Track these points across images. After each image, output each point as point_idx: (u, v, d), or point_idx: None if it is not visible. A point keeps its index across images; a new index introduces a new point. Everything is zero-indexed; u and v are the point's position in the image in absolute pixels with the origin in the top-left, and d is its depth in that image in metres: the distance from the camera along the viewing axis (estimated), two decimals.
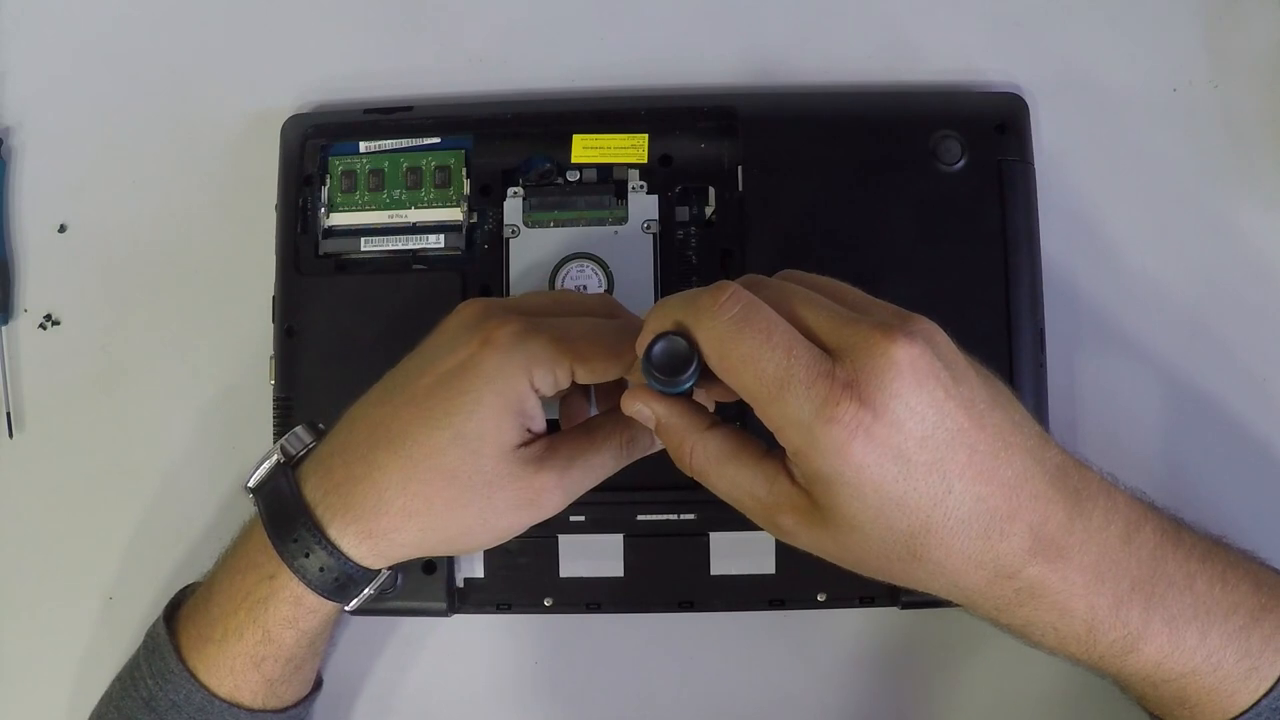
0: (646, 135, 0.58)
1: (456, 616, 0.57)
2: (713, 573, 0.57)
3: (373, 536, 0.48)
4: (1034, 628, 0.44)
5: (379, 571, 0.50)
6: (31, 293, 0.62)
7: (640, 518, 0.56)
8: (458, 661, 0.59)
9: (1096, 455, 0.58)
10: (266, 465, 0.51)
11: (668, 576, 0.57)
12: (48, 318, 0.62)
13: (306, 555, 0.49)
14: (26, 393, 0.61)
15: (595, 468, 0.49)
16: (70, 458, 0.61)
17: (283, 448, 0.52)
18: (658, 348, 0.44)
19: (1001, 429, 0.42)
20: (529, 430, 0.48)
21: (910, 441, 0.40)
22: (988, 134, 0.57)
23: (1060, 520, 0.42)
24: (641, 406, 0.46)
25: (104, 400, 0.61)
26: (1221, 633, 0.44)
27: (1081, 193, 0.60)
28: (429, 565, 0.56)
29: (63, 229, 0.62)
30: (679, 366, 0.43)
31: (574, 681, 0.59)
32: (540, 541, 0.57)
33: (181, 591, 0.55)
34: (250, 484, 0.51)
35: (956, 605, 0.45)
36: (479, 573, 0.58)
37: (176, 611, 0.53)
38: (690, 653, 0.59)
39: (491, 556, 0.57)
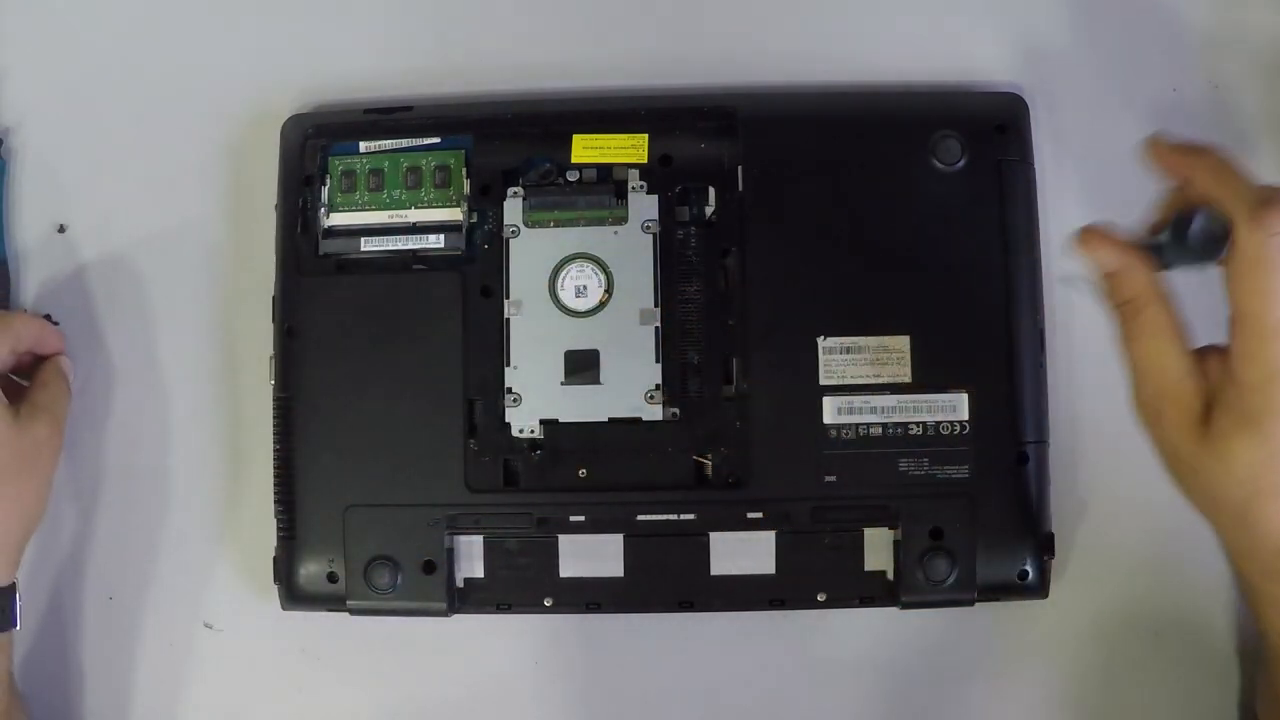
0: (646, 135, 0.58)
1: (456, 616, 0.57)
2: (713, 573, 0.57)
3: None
4: (1278, 605, 0.47)
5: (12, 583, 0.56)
6: (31, 293, 0.62)
7: (640, 518, 0.56)
8: (458, 661, 0.59)
9: (1097, 455, 0.58)
10: None
11: (668, 576, 0.57)
12: (47, 318, 0.61)
13: None
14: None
15: (61, 398, 0.58)
16: (70, 458, 0.61)
17: None
18: (1198, 224, 0.44)
19: None
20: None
21: None
22: (988, 134, 0.57)
23: None
24: (1108, 252, 0.47)
25: (104, 400, 0.61)
26: None
27: (1081, 193, 0.60)
28: (429, 565, 0.56)
29: (62, 229, 0.62)
30: (1214, 248, 0.44)
31: (574, 681, 0.59)
32: (540, 542, 0.57)
33: None
34: None
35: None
36: (479, 573, 0.58)
37: None
38: (690, 653, 0.59)
39: (491, 556, 0.57)
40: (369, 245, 0.58)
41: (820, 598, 0.57)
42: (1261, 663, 0.54)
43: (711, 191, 0.58)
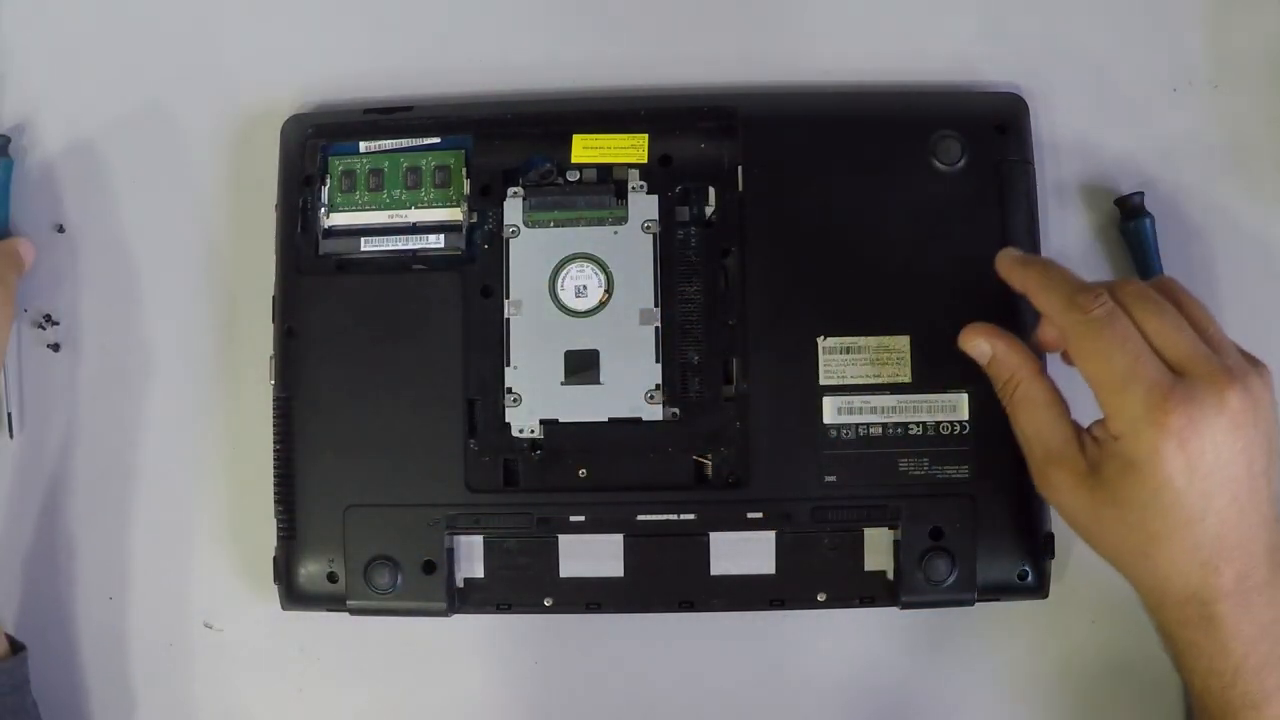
0: (646, 135, 0.58)
1: (456, 616, 0.57)
2: (713, 573, 0.57)
3: None
4: (1194, 651, 0.50)
5: None
6: (31, 293, 0.62)
7: (640, 518, 0.56)
8: (458, 661, 0.59)
9: None
10: None
11: (668, 576, 0.57)
12: (47, 318, 0.61)
13: None
14: (26, 393, 0.61)
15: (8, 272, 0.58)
16: (70, 458, 0.61)
17: None
18: None
19: (1258, 494, 0.49)
20: None
21: (1203, 465, 0.47)
22: (988, 134, 0.57)
23: (1259, 580, 0.49)
24: (983, 342, 0.53)
25: (104, 400, 0.61)
26: None
27: (1081, 193, 0.60)
28: (429, 565, 0.56)
29: (62, 229, 0.62)
30: None
31: (574, 681, 0.59)
32: (540, 541, 0.57)
33: None
34: None
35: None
36: (479, 573, 0.58)
37: None
38: (690, 653, 0.59)
39: (491, 556, 0.57)
40: (369, 245, 0.58)
41: (820, 598, 0.57)
42: (1187, 710, 0.55)
43: (711, 191, 0.58)
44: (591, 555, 0.57)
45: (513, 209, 0.58)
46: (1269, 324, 0.59)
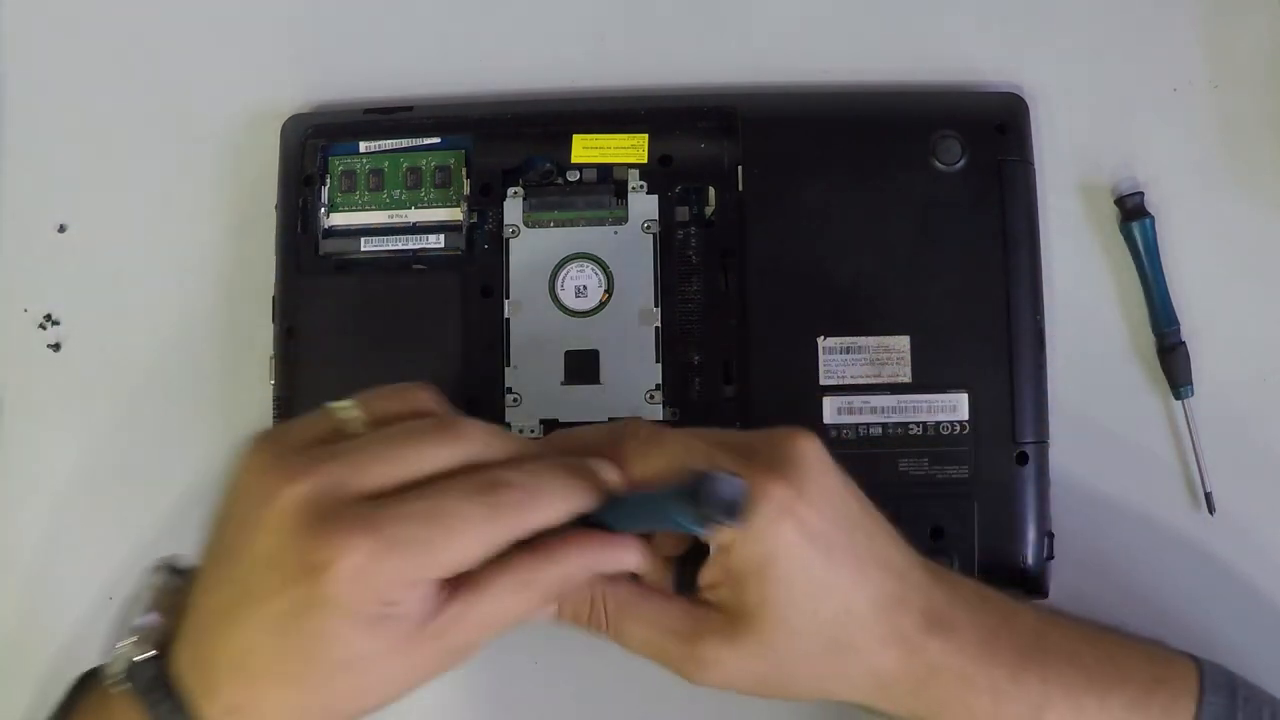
0: (646, 135, 0.58)
1: None
2: None
3: None
4: (948, 708, 0.45)
5: None
6: (31, 293, 0.62)
7: None
8: None
9: (1097, 455, 0.58)
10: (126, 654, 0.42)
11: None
12: (47, 318, 0.62)
13: None
14: (26, 392, 0.61)
15: (498, 614, 0.43)
16: (70, 458, 0.61)
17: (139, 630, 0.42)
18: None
19: (882, 522, 0.46)
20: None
21: (826, 522, 0.43)
22: (988, 134, 0.57)
23: (942, 600, 0.45)
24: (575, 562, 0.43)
25: (103, 400, 0.61)
26: (1120, 702, 0.46)
27: (1081, 193, 0.60)
28: None
29: (63, 229, 0.62)
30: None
31: (574, 681, 0.59)
32: None
33: None
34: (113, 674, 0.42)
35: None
36: None
37: None
38: None
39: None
40: (369, 245, 0.58)
41: None
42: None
43: (711, 191, 0.58)
44: None
45: (513, 209, 0.58)
46: (1268, 324, 0.59)
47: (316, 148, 0.59)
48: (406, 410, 0.43)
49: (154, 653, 0.41)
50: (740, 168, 0.58)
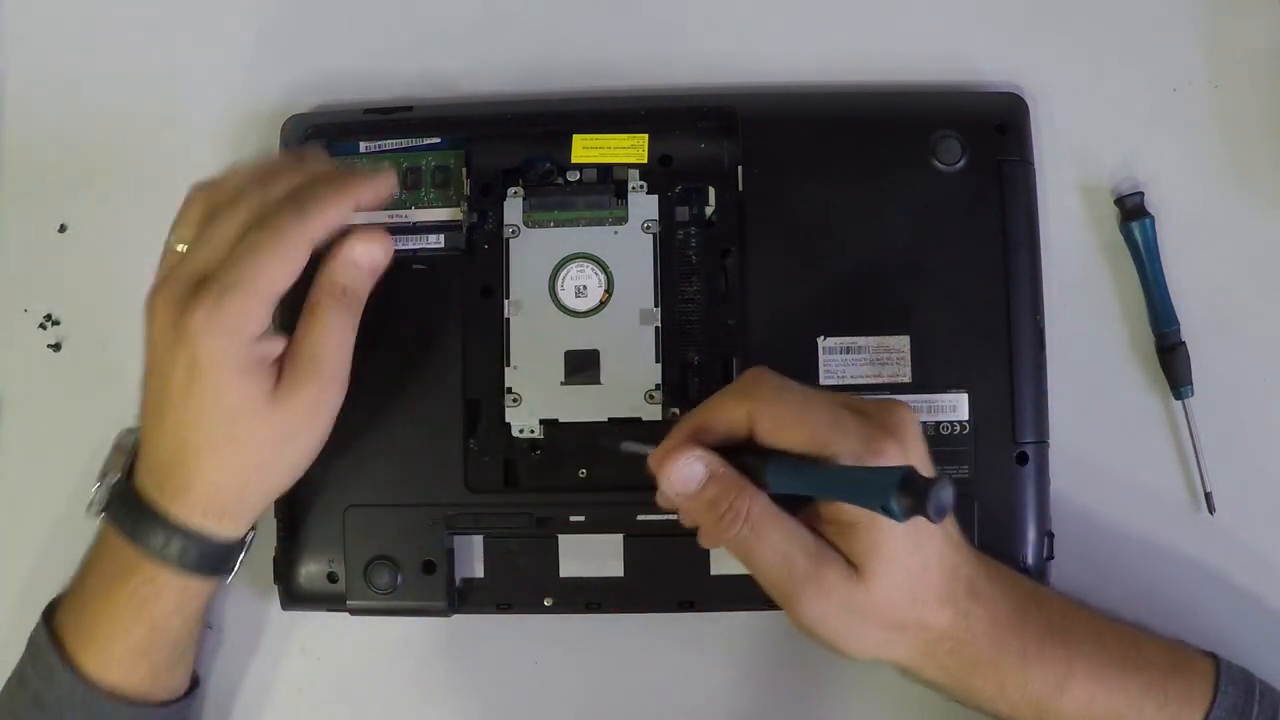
0: (646, 135, 0.58)
1: (456, 616, 0.57)
2: (713, 573, 0.57)
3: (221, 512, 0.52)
4: (979, 669, 0.49)
5: (244, 537, 0.54)
6: (31, 293, 0.62)
7: (640, 518, 0.56)
8: (458, 661, 0.59)
9: (1097, 455, 0.58)
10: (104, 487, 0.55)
11: (668, 576, 0.57)
12: (48, 318, 0.62)
13: (181, 549, 0.51)
14: (26, 392, 0.61)
15: (332, 335, 0.52)
16: (70, 457, 0.61)
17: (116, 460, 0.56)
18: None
19: None
20: (273, 360, 0.52)
21: None
22: (988, 134, 0.57)
23: (983, 574, 0.50)
24: (695, 462, 0.48)
25: (104, 400, 0.61)
26: (1139, 682, 0.50)
27: (1081, 193, 0.60)
28: (429, 565, 0.56)
29: (63, 229, 0.62)
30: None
31: (574, 681, 0.59)
32: (540, 541, 0.57)
33: (53, 601, 0.55)
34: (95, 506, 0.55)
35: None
36: (479, 573, 0.58)
37: (53, 617, 0.54)
38: (690, 653, 0.59)
39: (491, 556, 0.57)
40: None
41: None
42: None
43: (711, 191, 0.58)
44: (591, 555, 0.57)
45: (513, 209, 0.58)
46: (1268, 324, 0.59)
47: (317, 148, 0.59)
48: (222, 199, 0.52)
49: (119, 476, 0.55)
50: (740, 168, 0.58)
